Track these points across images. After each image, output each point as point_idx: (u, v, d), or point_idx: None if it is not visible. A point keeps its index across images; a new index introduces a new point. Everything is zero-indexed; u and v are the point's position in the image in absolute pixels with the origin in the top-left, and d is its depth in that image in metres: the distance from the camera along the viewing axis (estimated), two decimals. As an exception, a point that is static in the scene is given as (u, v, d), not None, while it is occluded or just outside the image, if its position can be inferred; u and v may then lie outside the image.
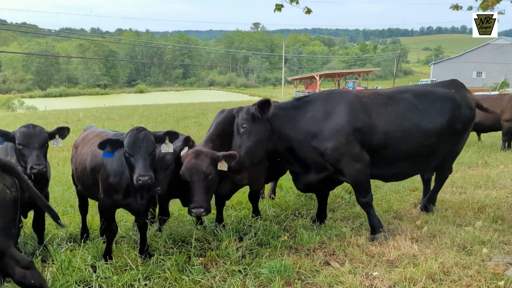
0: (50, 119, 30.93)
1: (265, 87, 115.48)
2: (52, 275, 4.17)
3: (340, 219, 6.14)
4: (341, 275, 4.27)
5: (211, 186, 4.93)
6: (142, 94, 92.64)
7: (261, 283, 4.23)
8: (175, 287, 4.07)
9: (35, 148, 4.46)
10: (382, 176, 5.75)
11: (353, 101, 5.23)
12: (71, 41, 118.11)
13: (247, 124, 5.00)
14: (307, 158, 5.26)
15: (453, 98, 5.60)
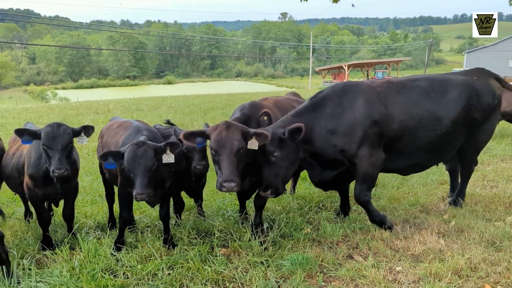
0: (81, 110, 31.73)
1: (292, 78, 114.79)
2: (79, 262, 4.29)
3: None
4: (364, 269, 4.22)
5: (241, 163, 4.58)
6: (171, 85, 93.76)
7: (283, 275, 4.23)
8: (198, 277, 4.11)
9: (58, 150, 4.48)
10: (399, 169, 5.62)
11: (368, 93, 5.11)
12: (101, 33, 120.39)
13: (278, 151, 4.70)
14: (327, 156, 5.10)
15: (470, 85, 5.42)
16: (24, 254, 4.77)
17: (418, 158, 5.43)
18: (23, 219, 6.13)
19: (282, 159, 4.74)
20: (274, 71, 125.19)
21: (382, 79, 5.67)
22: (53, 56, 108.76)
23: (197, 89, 67.21)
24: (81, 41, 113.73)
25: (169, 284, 3.99)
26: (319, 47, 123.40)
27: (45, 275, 4.09)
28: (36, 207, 4.99)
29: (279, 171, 4.77)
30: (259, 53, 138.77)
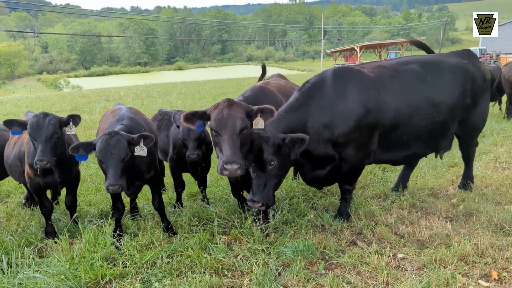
0: (92, 98, 31.90)
1: (304, 61, 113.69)
2: (79, 251, 4.27)
3: (371, 197, 5.92)
4: (367, 255, 4.12)
5: (245, 144, 4.16)
6: (181, 71, 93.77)
7: (283, 263, 4.16)
8: (197, 265, 4.06)
9: (41, 141, 4.38)
10: (394, 160, 5.34)
11: (360, 79, 4.74)
12: (111, 20, 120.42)
13: (276, 160, 4.18)
14: (319, 153, 4.64)
15: (464, 68, 5.18)
16: (27, 243, 4.79)
17: (414, 148, 5.13)
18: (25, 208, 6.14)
19: (278, 169, 4.27)
20: (285, 54, 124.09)
21: (372, 62, 5.30)
22: (65, 45, 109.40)
23: (208, 74, 67.09)
24: (92, 29, 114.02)
25: (168, 273, 3.95)
26: (330, 29, 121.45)
27: (43, 264, 4.08)
28: (37, 196, 4.98)
29: (273, 182, 4.30)
30: (269, 37, 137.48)
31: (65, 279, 3.75)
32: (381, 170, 7.15)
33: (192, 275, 3.86)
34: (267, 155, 4.13)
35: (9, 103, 30.98)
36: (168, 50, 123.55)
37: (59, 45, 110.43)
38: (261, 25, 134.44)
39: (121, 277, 3.93)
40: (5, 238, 4.77)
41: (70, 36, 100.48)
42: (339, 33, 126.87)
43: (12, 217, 5.84)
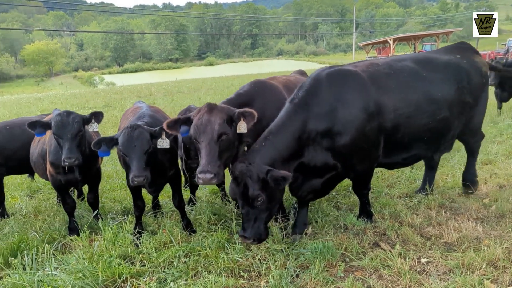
0: (125, 94, 32.56)
1: (335, 54, 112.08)
2: (98, 249, 4.30)
3: (397, 196, 5.70)
4: (390, 258, 3.95)
5: (226, 150, 3.97)
6: (212, 66, 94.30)
7: (302, 264, 4.05)
8: (213, 266, 4.01)
9: (67, 139, 4.45)
10: (393, 163, 4.93)
11: (358, 80, 4.34)
12: (144, 17, 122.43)
13: (263, 195, 3.78)
14: (317, 164, 4.27)
15: (457, 65, 4.85)
16: (50, 239, 4.87)
17: (415, 150, 4.79)
18: (52, 204, 6.28)
19: (268, 202, 3.87)
20: (316, 48, 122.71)
21: (365, 61, 4.87)
22: (99, 42, 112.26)
23: (237, 70, 67.23)
24: (125, 26, 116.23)
25: (184, 272, 3.91)
26: (363, 21, 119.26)
27: (64, 261, 4.13)
28: (60, 193, 5.07)
29: (264, 215, 3.91)
30: (300, 30, 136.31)
31: (83, 277, 3.78)
32: (410, 168, 6.89)
33: (208, 275, 3.81)
34: (253, 191, 3.74)
35: (46, 100, 32.11)
36: (198, 46, 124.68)
37: (94, 42, 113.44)
38: (292, 19, 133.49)
39: (138, 276, 3.93)
40: (30, 234, 4.87)
41: (104, 33, 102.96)
42: (371, 25, 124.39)
43: (39, 213, 5.98)
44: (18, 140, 5.74)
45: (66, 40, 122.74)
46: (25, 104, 29.06)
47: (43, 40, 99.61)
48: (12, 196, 6.88)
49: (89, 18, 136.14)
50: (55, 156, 4.73)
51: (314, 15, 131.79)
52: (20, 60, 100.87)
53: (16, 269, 3.93)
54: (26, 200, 6.64)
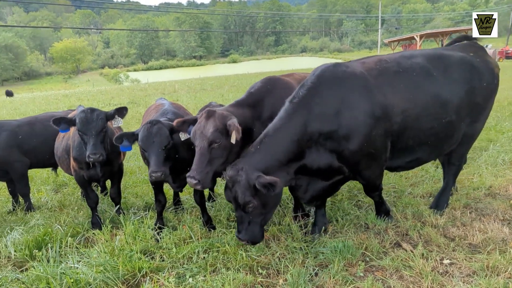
0: (149, 91, 33.03)
1: (360, 51, 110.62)
2: (119, 243, 4.37)
3: (420, 195, 5.58)
4: (411, 259, 3.87)
5: (219, 157, 3.96)
6: (235, 63, 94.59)
7: (321, 263, 4.01)
8: (232, 262, 4.01)
9: (92, 136, 4.53)
10: (396, 167, 4.63)
11: (365, 80, 4.04)
12: (169, 15, 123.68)
13: (254, 201, 3.70)
14: (320, 168, 4.05)
15: (470, 64, 4.48)
16: (74, 233, 4.98)
17: (419, 153, 4.48)
18: (76, 199, 6.41)
19: (261, 208, 3.79)
20: (340, 45, 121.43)
21: (373, 57, 4.52)
22: (125, 40, 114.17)
23: (261, 67, 67.15)
24: (150, 24, 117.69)
25: (203, 268, 3.93)
26: (389, 17, 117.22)
27: (86, 254, 4.21)
28: (83, 188, 5.17)
29: (258, 220, 3.85)
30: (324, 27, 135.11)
31: (104, 270, 3.84)
32: (434, 167, 6.73)
33: (227, 272, 3.81)
34: (243, 198, 3.66)
35: (73, 97, 32.88)
36: (222, 43, 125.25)
37: (120, 40, 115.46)
38: (316, 16, 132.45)
39: (158, 270, 3.97)
40: (54, 227, 4.98)
41: (130, 31, 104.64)
42: (398, 21, 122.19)
43: (64, 207, 6.12)
44: (40, 135, 5.92)
45: (93, 38, 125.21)
46: (53, 101, 29.81)
47: (71, 38, 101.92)
48: (38, 190, 7.06)
49: (115, 16, 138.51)
50: (78, 152, 4.82)
51: (339, 12, 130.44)
52: (49, 57, 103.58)
53: (40, 261, 4.03)
54: (51, 194, 6.80)
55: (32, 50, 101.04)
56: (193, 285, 3.64)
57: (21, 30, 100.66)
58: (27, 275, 3.82)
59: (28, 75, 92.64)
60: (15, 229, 5.02)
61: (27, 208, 6.00)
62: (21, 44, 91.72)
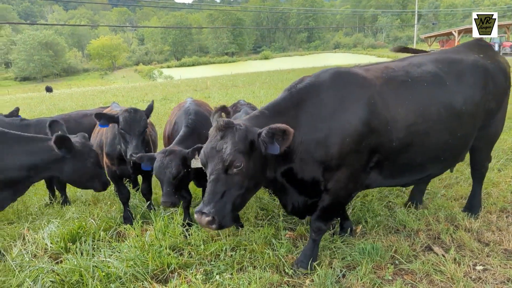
0: (182, 87, 33.52)
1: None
2: (150, 238, 4.46)
3: (454, 198, 5.41)
4: (443, 263, 3.77)
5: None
6: (267, 60, 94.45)
7: (349, 264, 3.96)
8: (259, 261, 4.02)
9: (135, 135, 4.66)
10: (404, 184, 4.25)
11: (366, 87, 3.60)
12: (202, 12, 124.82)
13: (243, 162, 3.13)
14: (305, 176, 3.57)
15: (484, 67, 4.11)
16: (107, 227, 5.12)
17: (431, 170, 4.06)
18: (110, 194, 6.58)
19: (245, 176, 3.17)
20: (374, 41, 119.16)
21: (379, 64, 4.13)
22: (159, 37, 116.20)
23: (293, 63, 66.85)
24: (184, 21, 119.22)
25: (230, 266, 3.96)
26: (426, 12, 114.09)
27: (117, 248, 4.32)
28: (115, 183, 5.31)
29: (235, 193, 3.17)
30: (358, 23, 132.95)
31: (134, 265, 3.94)
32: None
33: (253, 270, 3.82)
34: (233, 152, 3.07)
35: (109, 93, 33.77)
36: (254, 40, 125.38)
37: (154, 37, 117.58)
38: (350, 11, 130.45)
39: (186, 267, 4.03)
40: (88, 221, 5.14)
41: (164, 28, 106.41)
42: (435, 16, 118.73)
43: (98, 201, 6.30)
44: (73, 132, 6.11)
45: (128, 35, 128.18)
46: (89, 97, 30.71)
47: (107, 35, 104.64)
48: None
49: (150, 14, 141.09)
50: (110, 148, 4.96)
51: (374, 7, 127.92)
52: (86, 54, 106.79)
53: (74, 254, 4.17)
54: (86, 189, 7.01)
55: (71, 47, 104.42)
56: (220, 282, 3.67)
57: (61, 28, 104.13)
58: (62, 267, 3.96)
59: (67, 71, 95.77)
60: (52, 221, 5.21)
61: (63, 201, 6.22)
62: (61, 42, 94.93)
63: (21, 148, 4.17)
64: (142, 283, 3.76)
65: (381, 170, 3.77)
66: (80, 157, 4.41)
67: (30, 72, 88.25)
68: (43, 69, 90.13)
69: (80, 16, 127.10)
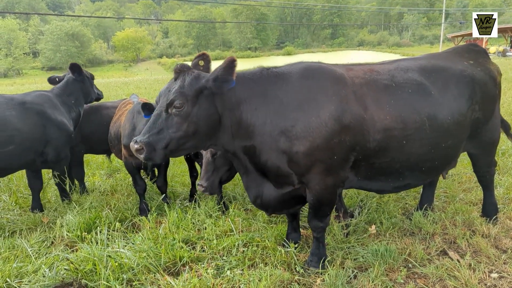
0: (203, 81, 33.56)
1: (420, 46, 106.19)
2: (164, 231, 4.51)
3: (473, 202, 5.30)
4: (457, 269, 3.70)
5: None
6: (290, 56, 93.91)
7: (361, 265, 3.93)
8: (271, 258, 4.02)
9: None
10: (381, 190, 4.12)
11: (342, 83, 3.52)
12: (226, 6, 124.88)
13: (186, 104, 3.26)
14: (268, 163, 3.52)
15: (471, 77, 3.96)
16: (123, 218, 5.21)
17: (410, 180, 3.94)
18: (127, 185, 6.68)
19: (185, 120, 3.24)
20: (400, 39, 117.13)
21: (363, 65, 4.00)
22: (183, 30, 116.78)
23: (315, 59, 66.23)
24: (208, 15, 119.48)
25: (241, 262, 3.97)
26: (454, 11, 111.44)
27: (132, 239, 4.39)
28: (131, 175, 5.39)
29: (172, 135, 3.25)
30: (384, 21, 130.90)
31: (147, 256, 3.99)
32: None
33: (264, 267, 3.83)
34: (177, 92, 3.22)
35: (132, 85, 34.19)
36: (278, 35, 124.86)
37: (178, 30, 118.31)
38: (376, 9, 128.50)
39: (198, 260, 4.07)
40: (104, 211, 5.23)
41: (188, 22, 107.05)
42: (463, 16, 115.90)
43: (115, 192, 6.41)
44: (94, 123, 6.30)
45: (153, 27, 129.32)
46: (113, 88, 31.13)
47: (132, 28, 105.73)
48: (93, 174, 7.44)
49: (175, 7, 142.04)
50: (129, 140, 5.01)
51: (400, 5, 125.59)
52: (111, 46, 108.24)
53: (89, 243, 4.25)
54: (105, 179, 7.13)
55: (97, 38, 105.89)
56: (230, 278, 3.69)
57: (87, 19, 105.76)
58: (76, 255, 4.04)
59: (92, 62, 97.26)
60: (70, 210, 5.32)
61: (81, 191, 6.34)
62: (87, 33, 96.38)
63: None
64: (154, 275, 3.81)
65: (357, 171, 3.70)
66: None
67: (56, 62, 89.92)
68: (69, 59, 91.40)
69: (107, 8, 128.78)
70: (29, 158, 5.24)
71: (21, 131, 5.00)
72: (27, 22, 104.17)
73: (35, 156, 5.30)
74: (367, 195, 5.49)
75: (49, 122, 5.33)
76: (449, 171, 5.81)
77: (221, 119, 3.38)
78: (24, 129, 5.05)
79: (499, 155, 6.93)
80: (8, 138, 4.89)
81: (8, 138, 4.89)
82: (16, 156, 5.03)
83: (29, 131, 5.10)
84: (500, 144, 5.46)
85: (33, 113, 5.22)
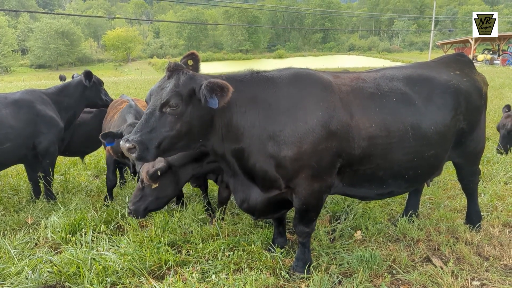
0: (193, 83, 33.47)
1: (410, 52, 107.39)
2: (149, 234, 4.48)
3: (458, 209, 5.37)
4: (440, 275, 3.75)
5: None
6: (281, 59, 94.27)
7: (345, 271, 3.95)
8: (256, 263, 4.03)
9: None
10: (364, 197, 4.14)
11: (329, 90, 3.55)
12: (218, 8, 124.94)
13: (180, 105, 3.25)
14: (256, 169, 3.54)
15: (456, 88, 3.99)
16: (109, 219, 5.16)
17: (393, 187, 3.95)
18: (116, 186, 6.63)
19: (179, 119, 3.24)
20: (390, 45, 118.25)
21: (349, 72, 4.07)
22: (174, 31, 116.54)
23: (306, 63, 66.54)
24: (200, 16, 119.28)
25: (227, 266, 3.97)
26: (443, 18, 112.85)
27: (117, 242, 4.35)
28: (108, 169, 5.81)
29: (165, 134, 3.23)
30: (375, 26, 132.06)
31: (132, 259, 3.96)
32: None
33: (250, 272, 3.83)
34: (172, 91, 3.18)
35: (122, 84, 33.96)
36: (269, 38, 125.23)
37: (169, 31, 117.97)
38: (367, 14, 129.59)
39: (183, 264, 4.06)
40: (90, 213, 5.18)
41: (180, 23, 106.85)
42: (452, 23, 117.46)
43: (102, 193, 6.36)
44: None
45: (144, 27, 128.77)
46: (102, 87, 30.86)
47: (123, 27, 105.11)
48: (79, 175, 7.36)
49: (166, 7, 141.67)
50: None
51: (391, 11, 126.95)
52: (101, 45, 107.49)
53: (73, 246, 4.21)
54: (91, 180, 7.07)
55: (87, 37, 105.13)
56: (215, 282, 3.68)
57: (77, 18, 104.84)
58: (60, 257, 4.00)
59: (82, 61, 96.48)
60: (55, 211, 5.27)
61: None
62: (77, 31, 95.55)
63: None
64: (138, 278, 3.79)
65: (342, 177, 3.73)
66: None
67: (45, 60, 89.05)
68: (58, 58, 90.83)
69: (97, 7, 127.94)
70: (22, 153, 5.60)
71: (15, 128, 5.35)
72: (16, 19, 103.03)
73: (27, 150, 5.65)
74: (353, 200, 5.52)
75: (39, 117, 5.64)
76: (434, 178, 5.90)
77: (213, 120, 3.40)
78: (18, 126, 5.41)
79: (483, 163, 7.03)
80: (4, 136, 5.23)
81: (4, 136, 5.23)
82: (11, 152, 5.39)
83: (22, 127, 5.45)
84: (485, 152, 5.52)
85: (25, 110, 5.54)
